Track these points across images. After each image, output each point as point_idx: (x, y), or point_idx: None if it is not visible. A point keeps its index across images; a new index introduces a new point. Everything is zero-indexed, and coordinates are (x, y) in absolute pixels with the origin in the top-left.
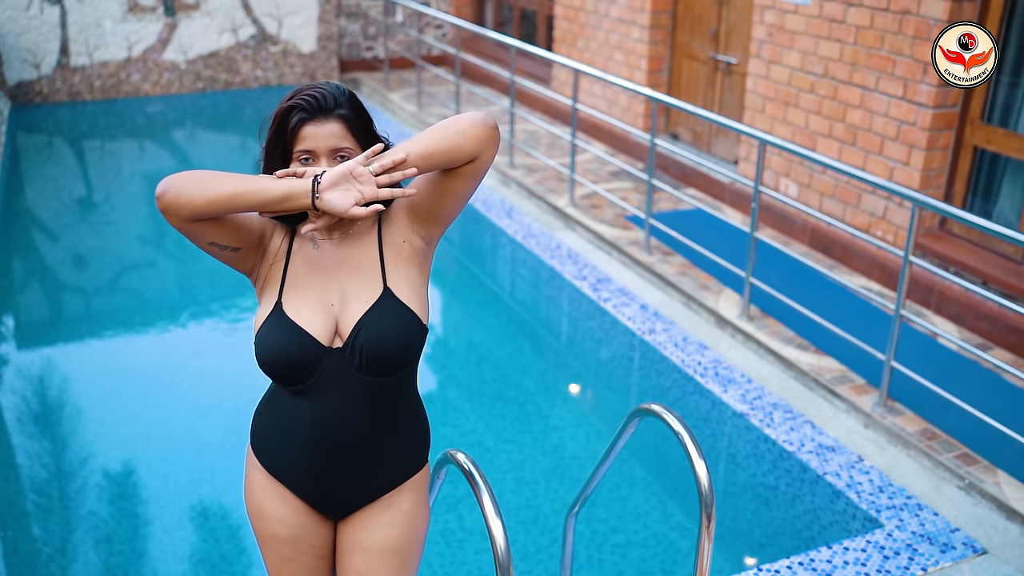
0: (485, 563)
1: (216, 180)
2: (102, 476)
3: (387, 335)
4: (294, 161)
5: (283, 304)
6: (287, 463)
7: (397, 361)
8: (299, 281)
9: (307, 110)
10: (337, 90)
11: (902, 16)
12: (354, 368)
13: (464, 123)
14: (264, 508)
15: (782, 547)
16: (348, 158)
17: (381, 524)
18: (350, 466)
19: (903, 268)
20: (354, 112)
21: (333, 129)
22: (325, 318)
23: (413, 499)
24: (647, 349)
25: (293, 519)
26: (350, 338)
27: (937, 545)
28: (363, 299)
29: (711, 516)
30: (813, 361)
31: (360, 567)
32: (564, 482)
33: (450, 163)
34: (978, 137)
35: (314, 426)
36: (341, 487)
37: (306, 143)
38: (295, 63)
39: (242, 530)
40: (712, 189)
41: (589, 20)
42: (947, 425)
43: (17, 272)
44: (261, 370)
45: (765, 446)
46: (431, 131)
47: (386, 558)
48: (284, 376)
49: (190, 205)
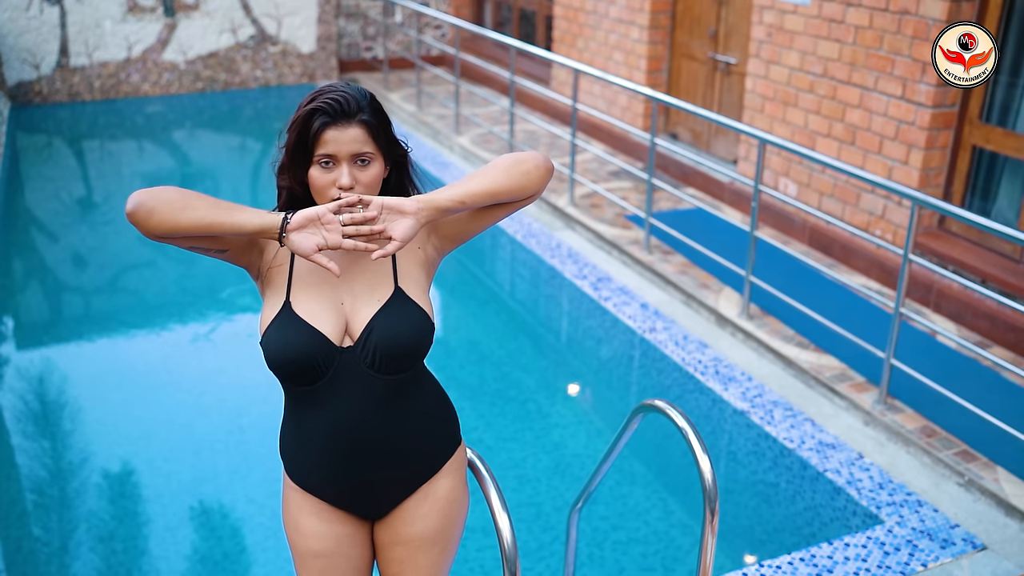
0: (487, 560)
1: (191, 209)
2: (104, 475)
3: (400, 333)
4: (314, 164)
5: (292, 303)
6: (312, 470)
7: (410, 358)
8: (307, 280)
9: (329, 114)
10: (359, 93)
11: (901, 16)
12: (366, 366)
13: (529, 164)
14: (300, 524)
15: (783, 543)
16: (369, 163)
17: (419, 516)
18: (375, 465)
19: (903, 266)
20: (375, 117)
21: (355, 134)
22: (336, 317)
23: (451, 484)
24: (648, 347)
25: (329, 532)
26: (362, 337)
27: (937, 541)
28: (374, 298)
29: (715, 511)
30: (813, 359)
31: (401, 557)
32: (565, 479)
33: (510, 200)
34: (977, 136)
35: (331, 428)
36: (370, 487)
37: (327, 147)
38: (294, 63)
39: (244, 528)
40: (711, 188)
41: (588, 20)
42: (946, 422)
43: (17, 272)
44: (270, 370)
45: (766, 443)
46: (496, 170)
47: (425, 547)
48: (294, 376)
49: (161, 227)
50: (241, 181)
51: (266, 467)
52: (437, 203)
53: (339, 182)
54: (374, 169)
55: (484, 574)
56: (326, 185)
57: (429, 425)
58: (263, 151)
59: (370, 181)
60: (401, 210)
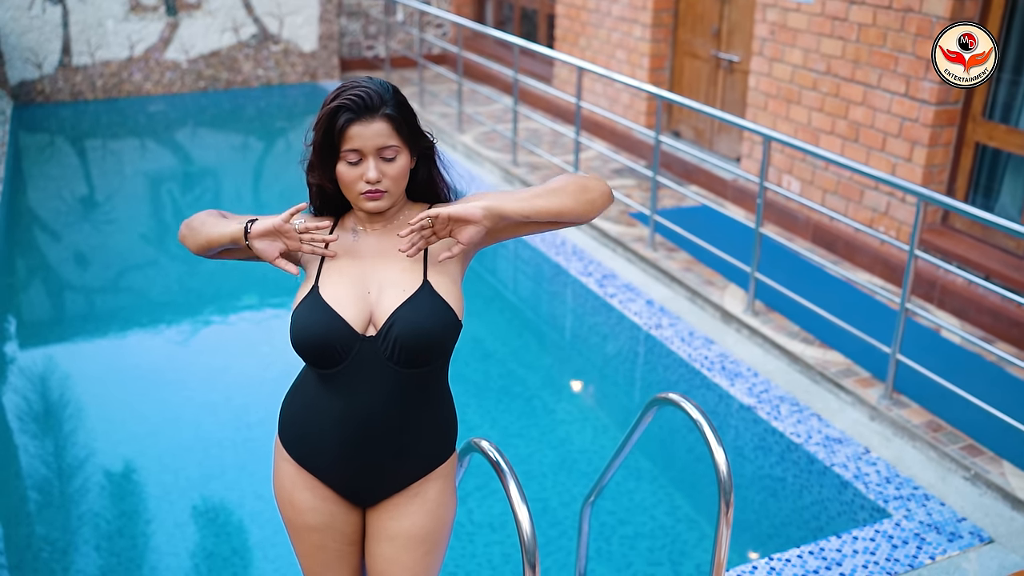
0: (495, 555)
1: (197, 230)
2: (111, 473)
3: (421, 327)
4: (342, 160)
5: (320, 288)
6: (315, 451)
7: (428, 353)
8: (337, 268)
9: (353, 110)
10: (382, 87)
11: (904, 14)
12: (386, 357)
13: (596, 194)
14: (295, 498)
15: (790, 537)
16: (395, 156)
17: (408, 513)
18: (378, 455)
19: (908, 262)
20: (399, 110)
21: (379, 128)
22: (361, 305)
23: (440, 488)
24: (654, 344)
25: (323, 507)
26: (384, 327)
27: (944, 534)
28: (400, 289)
29: (729, 503)
30: (818, 355)
31: (387, 554)
32: (572, 475)
33: (568, 223)
34: (980, 133)
35: (342, 413)
36: (369, 476)
37: (353, 142)
38: (296, 62)
39: (253, 525)
40: (714, 186)
41: (591, 19)
42: (952, 417)
43: (22, 271)
44: (294, 350)
45: (773, 438)
46: (565, 193)
47: (412, 546)
48: (315, 358)
49: (194, 249)
50: (243, 179)
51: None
52: (503, 212)
53: (366, 176)
54: (400, 162)
55: (492, 569)
56: (354, 180)
57: (434, 428)
58: (265, 150)
59: (397, 174)
60: (467, 219)
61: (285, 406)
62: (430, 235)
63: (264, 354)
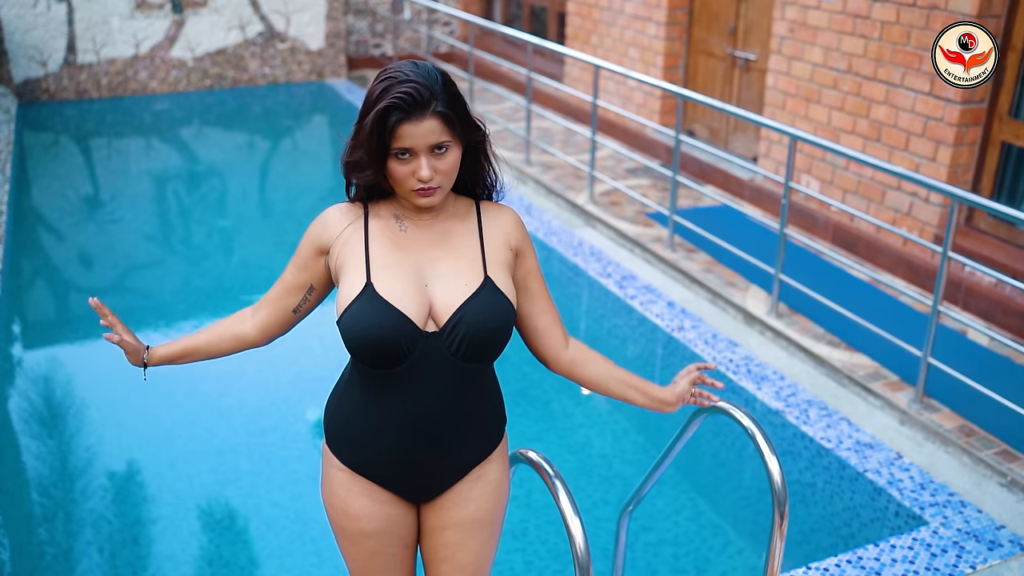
0: (516, 563)
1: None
2: (125, 478)
3: (490, 323)
4: (391, 158)
5: (373, 283)
6: (372, 454)
7: (495, 348)
8: (386, 261)
9: (404, 109)
10: (431, 79)
11: (929, 11)
12: (450, 353)
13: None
14: (349, 506)
15: (820, 544)
16: (447, 150)
17: (472, 498)
18: (438, 450)
19: (941, 264)
20: (450, 105)
21: (431, 126)
22: (420, 299)
23: (498, 468)
24: (676, 346)
25: (380, 512)
26: (449, 323)
27: (984, 543)
28: (462, 282)
29: (784, 514)
30: (845, 358)
31: (451, 541)
32: (592, 480)
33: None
34: (1006, 132)
35: (403, 413)
36: (429, 471)
37: (404, 141)
38: (303, 60)
39: (270, 533)
40: (731, 186)
41: (603, 16)
42: (984, 421)
43: (28, 271)
44: (348, 351)
45: (802, 443)
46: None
47: (476, 530)
48: (377, 358)
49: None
50: (250, 178)
51: (289, 469)
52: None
53: (419, 175)
54: (452, 155)
55: None
56: (405, 176)
57: (491, 411)
58: (271, 148)
59: (448, 168)
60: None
61: (331, 411)
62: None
63: (277, 357)
